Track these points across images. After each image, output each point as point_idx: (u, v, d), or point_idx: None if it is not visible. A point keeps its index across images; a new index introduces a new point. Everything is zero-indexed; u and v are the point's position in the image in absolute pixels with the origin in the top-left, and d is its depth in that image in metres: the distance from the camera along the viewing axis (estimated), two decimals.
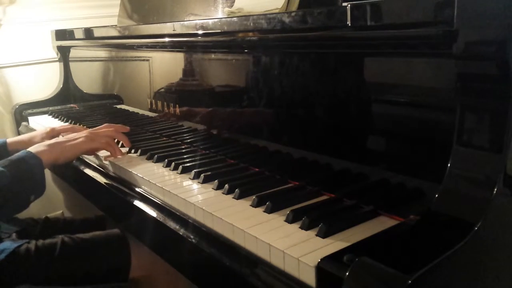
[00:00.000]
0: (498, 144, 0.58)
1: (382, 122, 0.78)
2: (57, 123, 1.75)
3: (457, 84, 0.61)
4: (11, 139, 1.35)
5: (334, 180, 0.85)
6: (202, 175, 0.96)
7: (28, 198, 1.02)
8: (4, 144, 1.30)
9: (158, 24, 1.28)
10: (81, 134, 1.19)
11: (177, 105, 1.29)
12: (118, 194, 1.07)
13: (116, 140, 1.28)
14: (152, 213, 0.94)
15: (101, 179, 1.18)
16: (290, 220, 0.74)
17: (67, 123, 1.70)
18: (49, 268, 1.16)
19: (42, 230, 1.40)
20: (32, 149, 1.08)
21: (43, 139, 1.33)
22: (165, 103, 1.34)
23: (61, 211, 2.12)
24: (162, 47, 1.32)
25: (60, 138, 1.18)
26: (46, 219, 1.44)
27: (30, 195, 1.02)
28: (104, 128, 1.27)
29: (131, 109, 1.59)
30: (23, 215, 1.40)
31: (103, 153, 1.24)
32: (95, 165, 1.26)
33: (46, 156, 1.07)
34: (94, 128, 1.29)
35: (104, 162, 1.21)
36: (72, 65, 2.01)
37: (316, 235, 0.69)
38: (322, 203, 0.82)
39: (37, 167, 1.04)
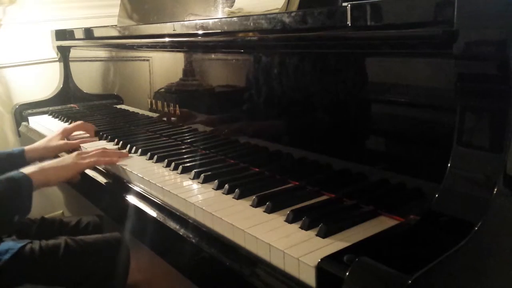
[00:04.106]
0: (498, 144, 0.58)
1: (382, 122, 0.78)
2: (57, 123, 1.75)
3: (457, 84, 0.61)
4: (29, 146, 1.36)
5: (334, 180, 0.85)
6: (202, 175, 0.96)
7: (12, 218, 1.02)
8: (22, 152, 1.31)
9: (158, 24, 1.28)
10: (71, 155, 1.19)
11: (177, 105, 1.28)
12: (118, 194, 1.07)
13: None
14: (152, 213, 0.94)
15: (101, 179, 1.18)
16: (290, 220, 0.74)
17: (66, 123, 1.70)
18: (52, 268, 1.17)
19: (39, 230, 1.40)
20: (25, 170, 1.08)
21: (59, 141, 1.36)
22: (165, 103, 1.34)
23: (61, 211, 2.12)
24: (162, 47, 1.32)
25: (53, 160, 1.18)
26: (43, 219, 1.45)
27: (15, 215, 1.03)
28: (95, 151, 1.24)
29: (131, 109, 1.59)
30: None
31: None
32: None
33: (37, 178, 1.07)
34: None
35: None
36: (72, 65, 2.01)
37: (316, 235, 0.69)
38: (322, 203, 0.82)
39: (26, 188, 1.04)
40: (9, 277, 1.11)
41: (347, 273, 0.54)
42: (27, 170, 1.08)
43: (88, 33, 1.69)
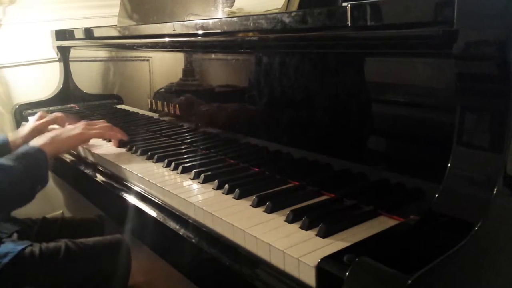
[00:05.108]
0: (498, 144, 0.58)
1: (382, 122, 0.78)
2: None
3: (457, 84, 0.61)
4: (11, 137, 1.37)
5: (334, 180, 0.85)
6: (202, 175, 0.96)
7: (34, 189, 1.06)
8: (6, 141, 1.32)
9: (158, 24, 1.28)
10: (78, 125, 1.25)
11: (177, 105, 1.28)
12: (118, 194, 1.07)
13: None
14: (152, 213, 0.94)
15: (101, 179, 1.19)
16: (290, 220, 0.74)
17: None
18: (52, 272, 1.17)
19: (40, 230, 1.40)
20: (34, 142, 1.13)
21: (36, 128, 1.38)
22: (165, 103, 1.34)
23: (61, 211, 2.12)
24: (162, 47, 1.32)
25: (59, 130, 1.24)
26: (44, 219, 1.45)
27: (37, 186, 1.07)
28: (100, 124, 1.32)
29: (131, 109, 1.59)
30: (22, 215, 1.40)
31: (104, 151, 1.25)
32: (95, 165, 1.26)
33: (48, 149, 1.12)
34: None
35: (104, 161, 1.21)
36: (72, 65, 2.01)
37: (316, 235, 0.69)
38: (322, 203, 0.82)
39: (41, 159, 1.08)
40: (9, 280, 1.11)
41: (347, 273, 0.54)
42: (37, 142, 1.13)
43: (88, 33, 1.69)
